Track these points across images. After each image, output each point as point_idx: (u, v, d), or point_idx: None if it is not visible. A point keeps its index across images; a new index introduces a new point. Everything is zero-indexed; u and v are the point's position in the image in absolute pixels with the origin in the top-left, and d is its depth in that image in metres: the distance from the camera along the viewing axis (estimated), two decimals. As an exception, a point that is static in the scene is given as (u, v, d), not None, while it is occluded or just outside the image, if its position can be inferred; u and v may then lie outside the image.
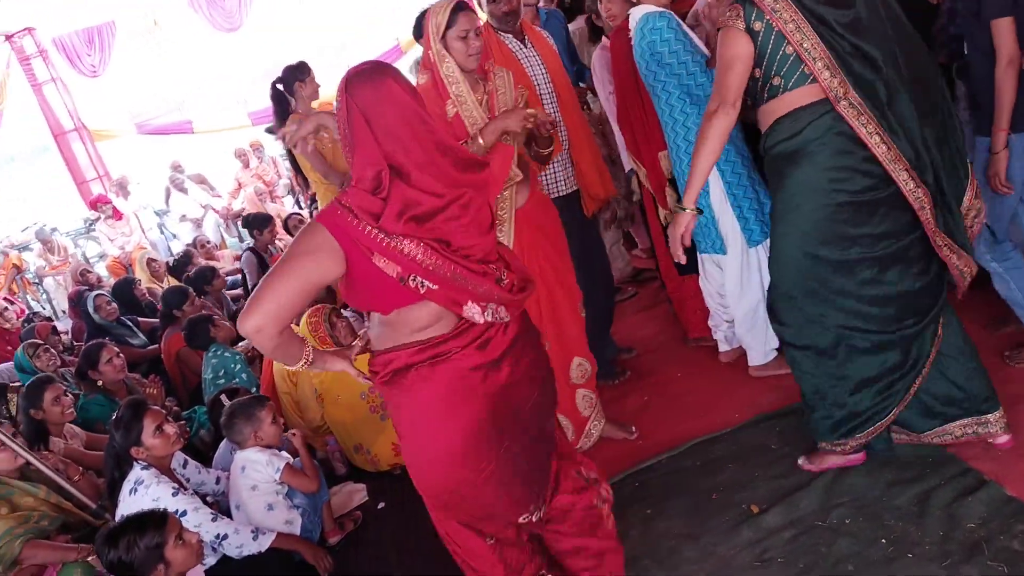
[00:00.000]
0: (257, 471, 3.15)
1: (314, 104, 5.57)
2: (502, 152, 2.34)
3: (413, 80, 2.49)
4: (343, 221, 1.75)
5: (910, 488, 2.56)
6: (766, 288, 2.87)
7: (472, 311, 1.85)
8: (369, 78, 1.80)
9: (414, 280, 1.77)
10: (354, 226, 1.74)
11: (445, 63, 2.80)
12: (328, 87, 11.90)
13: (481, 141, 2.71)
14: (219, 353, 4.52)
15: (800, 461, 2.83)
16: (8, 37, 10.91)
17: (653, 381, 3.85)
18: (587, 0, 5.05)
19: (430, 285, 1.78)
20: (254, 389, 4.26)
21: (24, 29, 10.97)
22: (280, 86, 5.07)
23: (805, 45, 2.25)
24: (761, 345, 3.51)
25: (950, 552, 2.28)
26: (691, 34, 3.32)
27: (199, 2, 10.95)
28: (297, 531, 3.13)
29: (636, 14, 3.30)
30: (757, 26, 2.28)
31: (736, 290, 3.48)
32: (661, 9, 3.24)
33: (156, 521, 2.45)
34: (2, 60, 10.91)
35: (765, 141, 2.47)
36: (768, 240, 2.80)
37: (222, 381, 4.45)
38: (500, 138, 2.73)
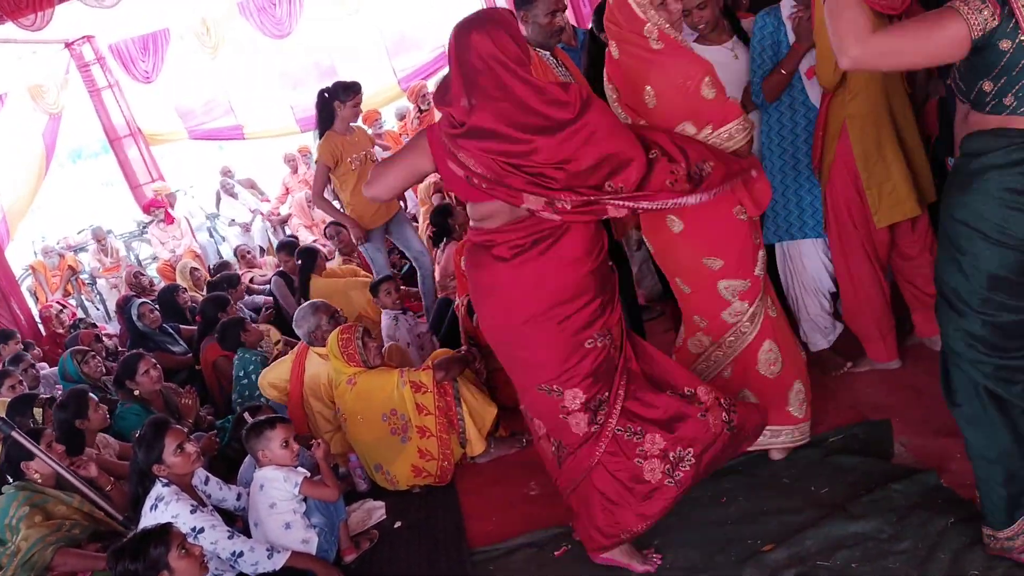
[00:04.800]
0: (276, 488, 3.23)
1: (359, 117, 5.65)
2: None
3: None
4: (436, 130, 2.36)
5: (919, 530, 2.52)
6: None
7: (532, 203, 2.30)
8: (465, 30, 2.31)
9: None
10: (439, 136, 2.35)
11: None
12: (379, 89, 11.94)
13: None
14: (242, 355, 4.77)
15: None
16: (68, 45, 11.26)
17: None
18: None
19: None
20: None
21: (83, 37, 11.30)
22: (326, 95, 5.15)
23: None
24: None
25: (949, 601, 2.25)
26: None
27: (250, 9, 11.18)
28: (313, 550, 3.19)
29: None
30: (1005, 44, 1.97)
31: None
32: None
33: (159, 531, 2.57)
34: (61, 67, 11.25)
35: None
36: None
37: (245, 382, 4.71)
38: None
